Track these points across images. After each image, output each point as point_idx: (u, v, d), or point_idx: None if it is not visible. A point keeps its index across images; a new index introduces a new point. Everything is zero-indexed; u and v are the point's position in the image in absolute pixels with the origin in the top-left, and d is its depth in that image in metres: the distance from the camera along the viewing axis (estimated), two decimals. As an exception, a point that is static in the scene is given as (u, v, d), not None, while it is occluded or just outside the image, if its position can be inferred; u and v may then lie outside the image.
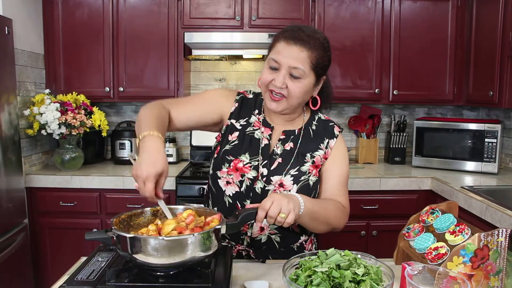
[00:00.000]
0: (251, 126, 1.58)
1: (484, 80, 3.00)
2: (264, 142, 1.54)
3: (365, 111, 3.64)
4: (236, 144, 1.54)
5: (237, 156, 1.52)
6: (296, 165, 1.52)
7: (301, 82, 1.42)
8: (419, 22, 3.27)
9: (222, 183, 1.53)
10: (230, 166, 1.51)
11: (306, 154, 1.54)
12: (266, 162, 1.51)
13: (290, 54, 1.41)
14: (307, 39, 1.42)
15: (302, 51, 1.40)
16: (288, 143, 1.55)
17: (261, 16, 3.17)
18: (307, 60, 1.41)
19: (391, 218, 2.94)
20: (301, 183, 1.50)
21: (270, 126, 1.58)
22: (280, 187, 1.49)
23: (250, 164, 1.50)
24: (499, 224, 2.12)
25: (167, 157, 3.58)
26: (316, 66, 1.44)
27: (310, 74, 1.43)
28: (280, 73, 1.41)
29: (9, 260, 2.57)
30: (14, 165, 2.70)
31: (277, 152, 1.54)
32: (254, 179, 1.49)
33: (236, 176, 1.50)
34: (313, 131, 1.60)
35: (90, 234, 1.13)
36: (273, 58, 1.43)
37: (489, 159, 3.07)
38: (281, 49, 1.42)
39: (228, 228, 1.18)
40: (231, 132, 1.57)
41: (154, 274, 1.10)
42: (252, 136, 1.55)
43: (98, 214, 2.97)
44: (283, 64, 1.41)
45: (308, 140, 1.57)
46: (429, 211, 1.41)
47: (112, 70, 3.22)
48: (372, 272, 1.05)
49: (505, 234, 1.14)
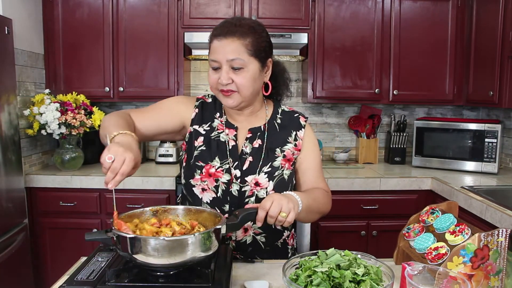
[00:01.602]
0: (215, 130, 1.57)
1: (484, 80, 3.00)
2: (231, 143, 1.54)
3: (365, 111, 3.64)
4: (203, 149, 1.53)
5: (208, 161, 1.51)
6: (267, 161, 1.52)
7: (245, 71, 1.43)
8: (419, 22, 3.27)
9: (198, 191, 1.52)
10: (203, 173, 1.50)
11: (276, 149, 1.55)
12: (237, 163, 1.51)
13: (224, 48, 1.42)
14: (234, 29, 1.43)
15: (233, 41, 1.41)
16: (255, 140, 1.55)
17: (261, 16, 3.17)
18: (242, 49, 1.41)
19: (391, 218, 2.94)
20: (276, 178, 1.51)
21: (234, 126, 1.57)
22: (257, 186, 1.49)
23: (222, 168, 1.49)
24: (499, 224, 2.12)
25: (167, 157, 3.58)
26: (254, 51, 1.43)
27: (251, 61, 1.43)
28: (222, 70, 1.42)
29: (9, 260, 2.57)
30: (14, 165, 2.70)
31: (246, 151, 1.53)
32: (228, 182, 1.49)
33: (210, 181, 1.49)
34: (279, 125, 1.60)
35: (90, 234, 1.13)
36: (211, 58, 1.45)
37: (489, 159, 3.07)
38: (215, 47, 1.44)
39: (228, 228, 1.18)
40: (196, 138, 1.56)
41: (154, 274, 1.10)
42: (218, 140, 1.54)
43: (98, 214, 2.96)
44: (222, 60, 1.42)
45: (274, 134, 1.58)
46: (429, 211, 1.41)
47: (112, 70, 3.22)
48: (372, 272, 1.05)
49: (505, 234, 1.14)
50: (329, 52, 3.26)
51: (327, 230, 2.92)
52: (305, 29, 3.22)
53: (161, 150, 3.47)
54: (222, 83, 1.43)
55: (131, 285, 1.07)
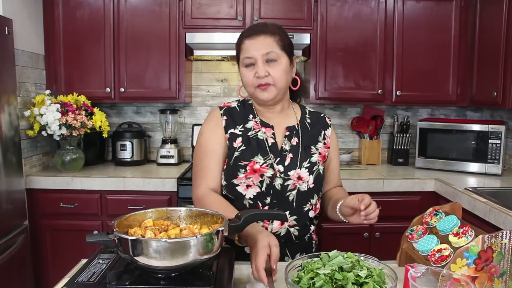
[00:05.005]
0: (251, 130, 1.62)
1: (488, 80, 2.99)
2: (270, 141, 1.60)
3: (368, 112, 3.62)
4: (244, 149, 1.58)
5: (250, 159, 1.56)
6: (306, 157, 1.61)
7: (278, 64, 1.54)
8: (422, 23, 3.26)
9: (242, 188, 1.57)
10: (247, 170, 1.55)
11: (311, 147, 1.64)
12: (278, 159, 1.58)
13: (258, 45, 1.53)
14: (264, 28, 1.56)
15: (266, 38, 1.53)
16: (293, 138, 1.63)
17: (263, 16, 3.16)
18: (274, 43, 1.53)
19: (394, 220, 2.92)
20: (315, 173, 1.61)
21: (270, 125, 1.64)
22: (299, 180, 1.58)
23: (266, 164, 1.56)
24: (503, 226, 2.11)
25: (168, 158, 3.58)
26: (284, 46, 1.56)
27: (282, 55, 1.55)
28: (258, 64, 1.52)
29: (9, 262, 2.56)
30: (14, 167, 2.70)
31: (286, 148, 1.61)
32: (272, 176, 1.55)
33: (255, 177, 1.55)
34: (309, 124, 1.70)
35: (91, 236, 1.12)
36: (245, 56, 1.55)
37: (493, 160, 3.05)
38: (248, 45, 1.54)
39: (231, 230, 1.17)
40: (234, 139, 1.61)
41: (155, 276, 1.09)
42: (257, 138, 1.60)
43: (99, 215, 2.96)
44: (257, 55, 1.52)
45: (307, 133, 1.67)
46: (432, 212, 1.41)
47: (113, 71, 3.22)
48: (375, 274, 1.05)
49: (509, 236, 1.14)
50: (331, 53, 3.25)
51: (330, 232, 2.90)
52: (307, 30, 3.21)
53: (163, 151, 3.46)
54: (260, 76, 1.52)
55: (132, 287, 1.06)
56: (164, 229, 1.19)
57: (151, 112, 3.70)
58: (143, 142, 3.48)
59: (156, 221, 1.25)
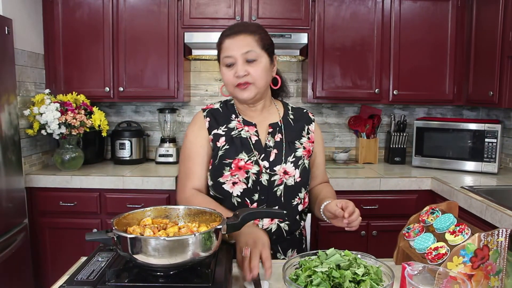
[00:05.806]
0: (234, 129, 1.63)
1: (484, 80, 3.00)
2: (253, 138, 1.62)
3: (365, 111, 3.63)
4: (228, 148, 1.59)
5: (234, 157, 1.57)
6: (290, 152, 1.62)
7: (258, 63, 1.54)
8: (419, 22, 3.27)
9: (228, 186, 1.57)
10: (232, 168, 1.56)
11: (295, 142, 1.65)
12: (263, 155, 1.59)
13: (237, 44, 1.53)
14: (244, 28, 1.57)
15: (246, 37, 1.54)
16: (276, 134, 1.64)
17: (261, 16, 3.17)
18: (254, 43, 1.54)
19: (391, 218, 2.94)
20: (300, 167, 1.62)
21: (252, 123, 1.65)
22: (285, 175, 1.59)
23: (250, 160, 1.56)
24: (499, 224, 2.12)
25: (167, 157, 3.59)
26: (264, 46, 1.56)
27: (262, 54, 1.55)
28: (237, 64, 1.53)
29: (9, 260, 2.56)
30: (14, 165, 2.70)
31: (270, 144, 1.62)
32: (258, 172, 1.56)
33: (241, 174, 1.55)
34: (292, 120, 1.71)
35: (90, 235, 1.13)
36: (225, 55, 1.55)
37: (489, 159, 3.07)
38: (228, 45, 1.55)
39: (228, 228, 1.18)
40: (218, 139, 1.62)
41: (154, 274, 1.10)
42: (240, 137, 1.61)
43: (98, 214, 2.96)
44: (237, 55, 1.53)
45: (290, 129, 1.68)
46: (429, 211, 1.41)
47: (112, 70, 3.22)
48: (372, 272, 1.05)
49: (505, 234, 1.14)
50: (329, 52, 3.26)
51: (327, 230, 2.91)
52: (305, 29, 3.22)
53: (161, 150, 3.47)
54: (239, 75, 1.52)
55: (131, 285, 1.07)
56: (163, 227, 1.20)
57: (150, 111, 3.71)
58: (142, 141, 3.49)
59: (155, 219, 1.25)
